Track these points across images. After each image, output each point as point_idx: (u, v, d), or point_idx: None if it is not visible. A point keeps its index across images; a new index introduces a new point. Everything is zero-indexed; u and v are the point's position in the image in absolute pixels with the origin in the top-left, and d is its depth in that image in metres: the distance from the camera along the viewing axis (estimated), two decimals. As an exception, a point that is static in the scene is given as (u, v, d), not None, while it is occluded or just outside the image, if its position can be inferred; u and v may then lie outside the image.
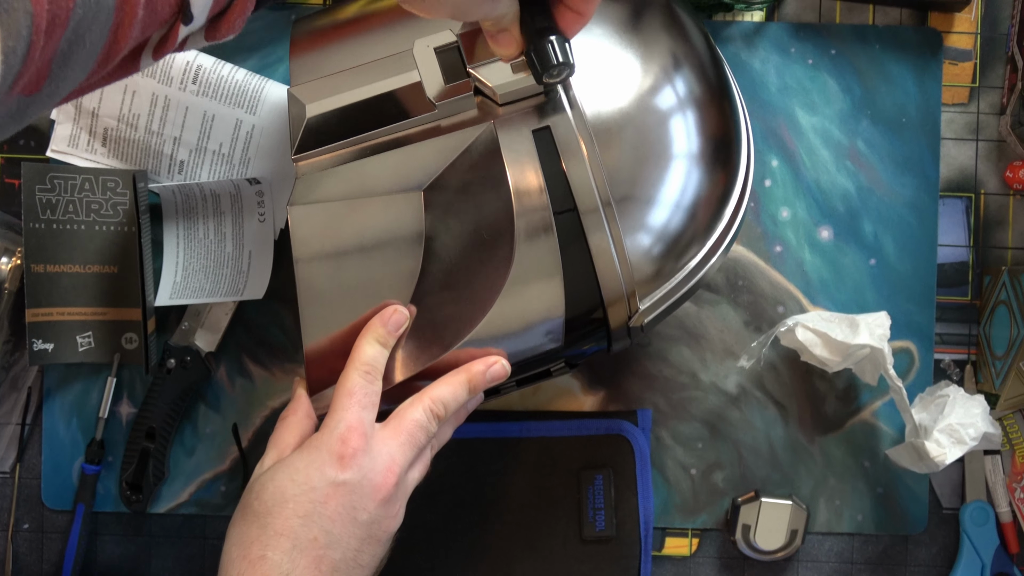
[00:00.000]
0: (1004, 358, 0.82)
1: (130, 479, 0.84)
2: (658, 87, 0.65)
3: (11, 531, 0.86)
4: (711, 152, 0.66)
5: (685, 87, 0.65)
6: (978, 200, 0.86)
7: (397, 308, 0.63)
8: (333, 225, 0.62)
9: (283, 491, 0.60)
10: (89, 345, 0.83)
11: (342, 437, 0.61)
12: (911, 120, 0.85)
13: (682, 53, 0.66)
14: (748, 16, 0.86)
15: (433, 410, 0.63)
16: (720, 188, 0.67)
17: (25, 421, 0.86)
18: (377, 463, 0.61)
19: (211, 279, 0.82)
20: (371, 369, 0.63)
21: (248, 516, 0.61)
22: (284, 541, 0.59)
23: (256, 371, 0.85)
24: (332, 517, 0.60)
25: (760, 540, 0.83)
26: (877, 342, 0.78)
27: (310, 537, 0.59)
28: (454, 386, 0.64)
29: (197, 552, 0.86)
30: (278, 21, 0.85)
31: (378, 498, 0.61)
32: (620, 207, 0.62)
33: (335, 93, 0.63)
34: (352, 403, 0.62)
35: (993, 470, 0.85)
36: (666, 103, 0.65)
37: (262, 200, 0.81)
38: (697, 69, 0.67)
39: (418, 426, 0.63)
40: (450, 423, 0.67)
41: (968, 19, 0.86)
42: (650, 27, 0.66)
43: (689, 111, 0.65)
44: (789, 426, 0.85)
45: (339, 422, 0.61)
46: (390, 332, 0.63)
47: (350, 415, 0.62)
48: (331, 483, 0.60)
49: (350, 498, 0.60)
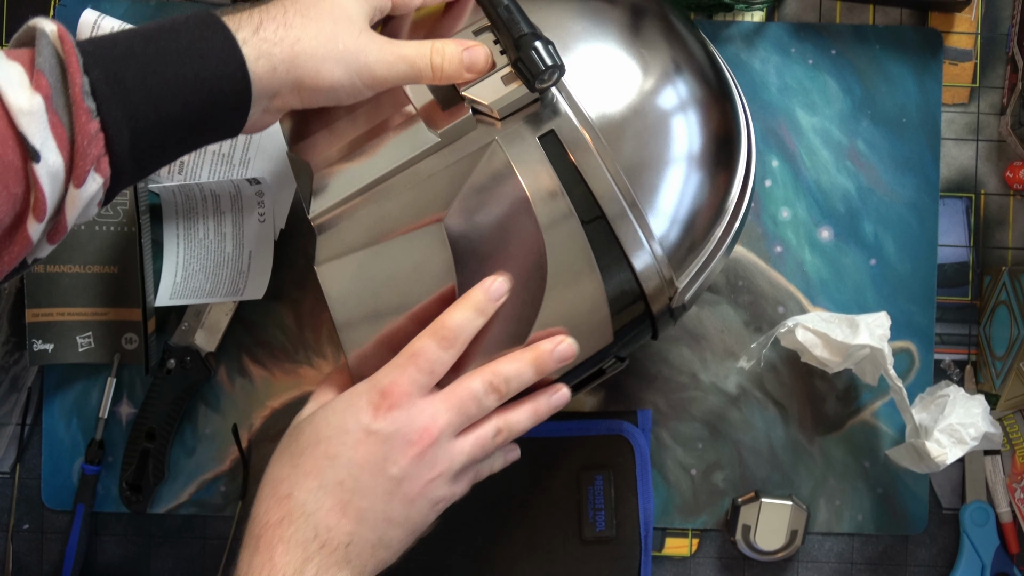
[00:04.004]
0: (1004, 358, 0.82)
1: (130, 479, 0.84)
2: (660, 85, 0.65)
3: (11, 531, 0.86)
4: (715, 126, 0.66)
5: (686, 86, 0.65)
6: (978, 200, 0.86)
7: (498, 277, 0.60)
8: (364, 275, 0.61)
9: (317, 432, 0.60)
10: (89, 345, 0.83)
11: (384, 390, 0.59)
12: (911, 120, 0.85)
13: (682, 56, 0.66)
14: (748, 16, 0.86)
15: (492, 383, 0.61)
16: (729, 157, 0.67)
17: (25, 421, 0.86)
18: (416, 420, 0.59)
19: (211, 279, 0.82)
20: (451, 335, 0.59)
21: (282, 455, 0.61)
22: (311, 481, 0.58)
23: (256, 371, 0.85)
24: (361, 463, 0.58)
25: (760, 540, 0.83)
26: (877, 342, 0.78)
27: (337, 479, 0.58)
28: (519, 363, 0.61)
29: (197, 552, 0.86)
30: (278, 21, 0.85)
31: (411, 453, 0.59)
32: (639, 193, 0.62)
33: (337, 144, 0.62)
34: (410, 363, 0.59)
35: (993, 470, 0.85)
36: (669, 98, 0.65)
37: (262, 200, 0.81)
38: (696, 69, 0.67)
39: (471, 395, 0.60)
40: (526, 412, 0.64)
41: (968, 19, 0.86)
42: (649, 33, 0.66)
43: (691, 108, 0.65)
44: (789, 426, 0.85)
45: (386, 376, 0.59)
46: (491, 300, 0.60)
47: (400, 373, 0.59)
48: (364, 429, 0.58)
49: (382, 448, 0.58)
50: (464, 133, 0.62)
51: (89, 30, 0.81)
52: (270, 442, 0.85)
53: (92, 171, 0.51)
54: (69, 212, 0.52)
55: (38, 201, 0.50)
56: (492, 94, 0.61)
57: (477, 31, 0.62)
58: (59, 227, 0.53)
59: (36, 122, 0.49)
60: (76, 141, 0.50)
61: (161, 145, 0.55)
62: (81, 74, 0.50)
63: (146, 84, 0.52)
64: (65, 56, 0.50)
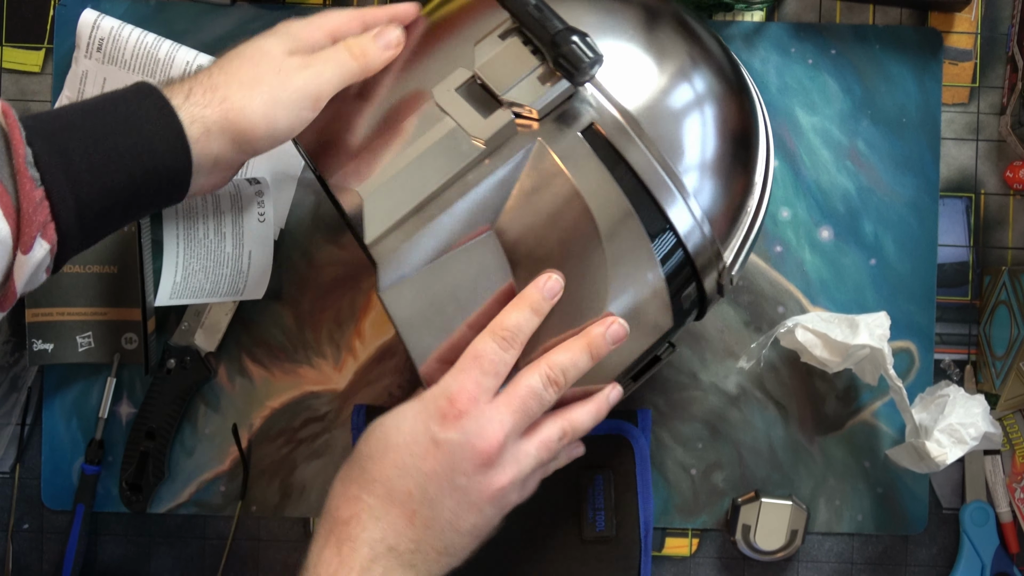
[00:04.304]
0: (1004, 358, 0.82)
1: (130, 479, 0.84)
2: (684, 70, 0.65)
3: (11, 531, 0.86)
4: (738, 106, 0.67)
5: (708, 70, 0.66)
6: (978, 200, 0.86)
7: (551, 275, 0.61)
8: (426, 293, 0.61)
9: (387, 439, 0.60)
10: (89, 345, 0.83)
11: (451, 397, 0.59)
12: (911, 120, 0.85)
13: (698, 47, 0.66)
14: (748, 16, 0.86)
15: (550, 376, 0.61)
16: (753, 133, 0.68)
17: (25, 421, 0.86)
18: (484, 428, 0.59)
19: (211, 279, 0.82)
20: (509, 335, 0.60)
21: (355, 456, 0.62)
22: (379, 487, 0.59)
23: (256, 371, 0.86)
24: (428, 474, 0.59)
25: (760, 540, 0.83)
26: (877, 342, 0.78)
27: (405, 489, 0.59)
28: (573, 351, 0.62)
29: (197, 552, 0.86)
30: (278, 21, 0.85)
31: (478, 462, 0.59)
32: (682, 174, 0.63)
33: (379, 167, 0.62)
34: (474, 366, 0.60)
35: (993, 470, 0.85)
36: (695, 82, 0.65)
37: (262, 200, 0.81)
38: (714, 57, 0.67)
39: (532, 393, 0.61)
40: (588, 411, 0.65)
41: (968, 19, 0.86)
42: (664, 24, 0.66)
43: (717, 89, 0.66)
44: (789, 426, 0.85)
45: (453, 381, 0.60)
46: (546, 299, 0.61)
47: (466, 377, 0.60)
48: (432, 439, 0.59)
49: (450, 459, 0.59)
50: (506, 138, 0.61)
51: (89, 30, 0.81)
52: (270, 442, 0.85)
53: (39, 238, 0.53)
54: (18, 279, 0.54)
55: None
56: (532, 95, 0.61)
57: (503, 34, 0.62)
58: (8, 294, 0.55)
59: None
60: (22, 208, 0.52)
61: (107, 212, 0.56)
62: (24, 145, 0.52)
63: (87, 154, 0.54)
64: (8, 129, 0.53)
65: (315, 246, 0.85)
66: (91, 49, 0.82)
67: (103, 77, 0.82)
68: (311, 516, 0.86)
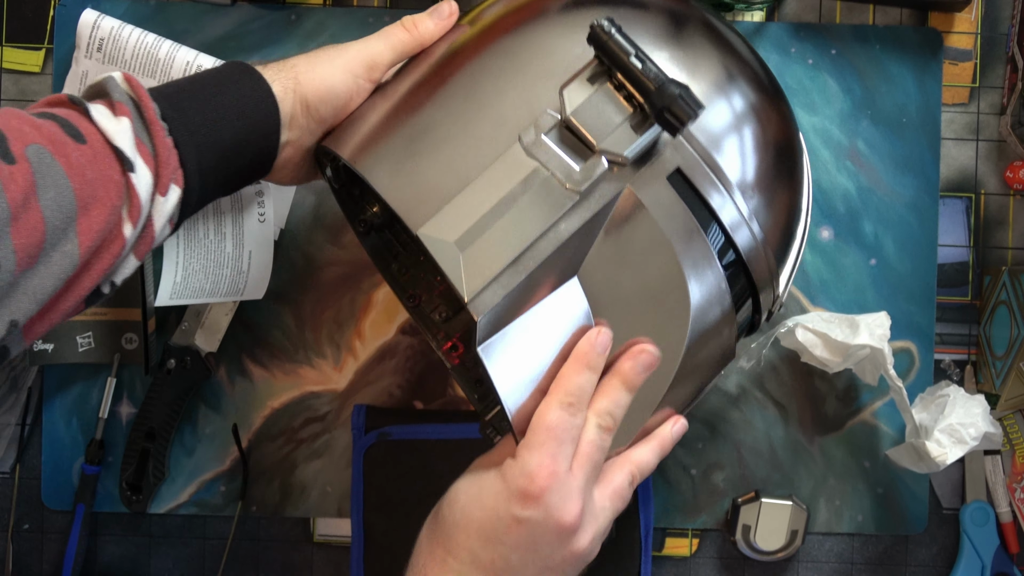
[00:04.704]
0: (1004, 358, 0.82)
1: (130, 479, 0.84)
2: (734, 92, 0.64)
3: (11, 531, 0.86)
4: (782, 121, 0.66)
5: (742, 94, 0.65)
6: (978, 200, 0.86)
7: (600, 329, 0.61)
8: (518, 346, 0.60)
9: (469, 511, 0.61)
10: (89, 345, 0.83)
11: (530, 475, 0.60)
12: (911, 120, 0.85)
13: (732, 58, 0.65)
14: (748, 16, 0.86)
15: (601, 424, 0.62)
16: (799, 151, 0.68)
17: (25, 421, 0.86)
18: (564, 502, 0.60)
19: (211, 279, 0.82)
20: (575, 400, 0.60)
21: (439, 519, 0.63)
22: (464, 554, 0.61)
23: (256, 371, 0.86)
24: (512, 546, 0.60)
25: (760, 540, 0.83)
26: (877, 342, 0.78)
27: (488, 559, 0.60)
28: (611, 393, 0.62)
29: (197, 552, 0.86)
30: (278, 21, 0.85)
31: (561, 534, 0.60)
32: (758, 214, 0.63)
33: (471, 217, 0.59)
34: (548, 439, 0.60)
35: (993, 470, 0.85)
36: (746, 104, 0.64)
37: (262, 200, 0.81)
38: (751, 68, 0.66)
39: (594, 447, 0.62)
40: (652, 451, 0.65)
41: (968, 19, 0.86)
42: (694, 40, 0.65)
43: (764, 109, 0.65)
44: (789, 426, 0.85)
45: (530, 459, 0.60)
46: (600, 354, 0.61)
47: (543, 453, 0.60)
48: (514, 518, 0.60)
49: (532, 534, 0.60)
50: (598, 185, 0.59)
51: (89, 30, 0.81)
52: (270, 442, 0.85)
53: (172, 184, 0.60)
54: (156, 221, 0.60)
55: (134, 207, 0.59)
56: (626, 143, 0.59)
57: (591, 77, 0.60)
58: (147, 236, 0.61)
59: (126, 139, 0.59)
60: (158, 155, 0.60)
61: (219, 167, 0.63)
62: (152, 103, 0.60)
63: (201, 111, 0.62)
64: (135, 91, 0.61)
65: (315, 246, 0.85)
66: (91, 49, 0.82)
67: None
68: (311, 516, 0.86)
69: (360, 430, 0.83)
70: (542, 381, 0.61)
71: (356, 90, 0.66)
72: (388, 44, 0.67)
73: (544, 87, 0.60)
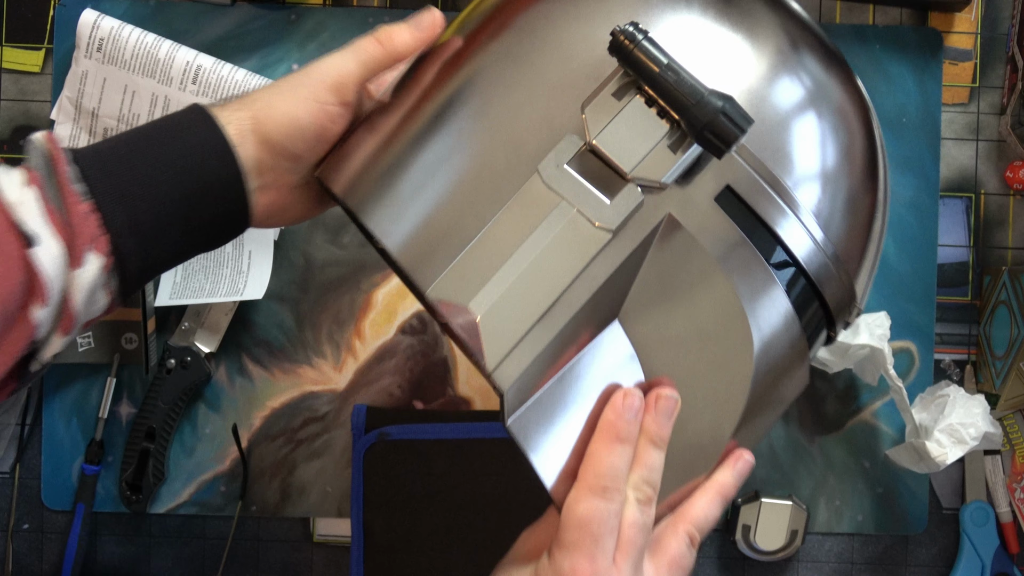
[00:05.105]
0: (1004, 358, 0.82)
1: (130, 479, 0.84)
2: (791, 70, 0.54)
3: (11, 531, 0.86)
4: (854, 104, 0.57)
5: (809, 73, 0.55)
6: (978, 200, 0.86)
7: (626, 391, 0.52)
8: (552, 408, 0.52)
9: None
10: (89, 345, 0.83)
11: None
12: (911, 120, 0.85)
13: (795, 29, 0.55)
14: (748, 16, 0.86)
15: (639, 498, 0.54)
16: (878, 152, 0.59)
17: (25, 421, 0.86)
18: None
19: (211, 279, 0.82)
20: (609, 483, 0.52)
21: None
22: None
23: (256, 371, 0.86)
24: None
25: (760, 540, 0.83)
26: (877, 342, 0.78)
27: None
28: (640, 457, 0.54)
29: (197, 552, 0.86)
30: (278, 21, 0.85)
31: None
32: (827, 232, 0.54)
33: (487, 275, 0.51)
34: (583, 536, 0.51)
35: (993, 470, 0.85)
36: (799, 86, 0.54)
37: (262, 200, 0.81)
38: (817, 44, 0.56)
39: (636, 528, 0.53)
40: (712, 501, 0.57)
41: (968, 19, 0.86)
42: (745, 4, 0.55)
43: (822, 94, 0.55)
44: (789, 426, 0.85)
45: (564, 561, 0.52)
46: (630, 421, 0.52)
47: (578, 556, 0.52)
48: None
49: None
50: (633, 217, 0.51)
51: (88, 30, 0.81)
52: (270, 442, 0.85)
53: (89, 252, 0.53)
54: (74, 297, 0.53)
55: (37, 286, 0.52)
56: (663, 169, 0.50)
57: (617, 92, 0.51)
58: (66, 315, 0.53)
59: (29, 211, 0.52)
60: (72, 222, 0.52)
61: (165, 228, 0.55)
62: (67, 163, 0.53)
63: (132, 166, 0.54)
64: (52, 151, 0.54)
65: (315, 246, 0.85)
66: (91, 49, 0.82)
67: (103, 77, 0.82)
68: (311, 516, 0.86)
69: (360, 430, 0.83)
70: (583, 443, 0.53)
71: (327, 116, 0.57)
72: (357, 60, 0.58)
73: (564, 99, 0.52)
